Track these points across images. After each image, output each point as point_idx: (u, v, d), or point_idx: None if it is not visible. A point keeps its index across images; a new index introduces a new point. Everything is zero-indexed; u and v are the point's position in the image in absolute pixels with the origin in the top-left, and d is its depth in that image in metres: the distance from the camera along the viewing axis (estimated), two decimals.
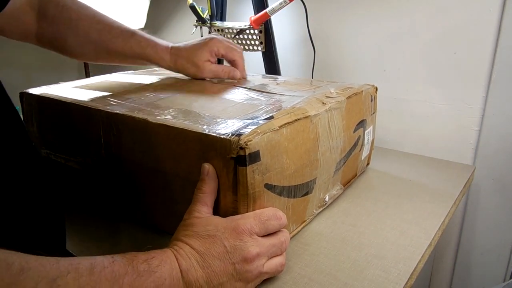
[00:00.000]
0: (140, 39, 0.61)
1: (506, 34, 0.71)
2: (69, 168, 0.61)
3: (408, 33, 0.83)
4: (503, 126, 0.76)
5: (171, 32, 1.35)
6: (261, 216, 0.40)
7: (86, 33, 0.60)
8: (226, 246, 0.37)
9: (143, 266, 0.33)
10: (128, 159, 0.51)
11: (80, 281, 0.29)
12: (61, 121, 0.59)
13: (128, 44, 0.61)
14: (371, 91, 0.64)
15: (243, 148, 0.38)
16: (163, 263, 0.35)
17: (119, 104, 0.53)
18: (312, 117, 0.48)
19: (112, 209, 0.58)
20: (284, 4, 0.81)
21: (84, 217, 0.58)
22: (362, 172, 0.70)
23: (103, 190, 0.58)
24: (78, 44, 0.61)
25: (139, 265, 0.33)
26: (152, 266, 0.34)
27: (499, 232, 0.82)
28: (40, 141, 0.64)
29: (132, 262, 0.33)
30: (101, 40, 0.60)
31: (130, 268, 0.32)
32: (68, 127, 0.58)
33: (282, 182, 0.44)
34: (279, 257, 0.41)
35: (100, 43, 0.60)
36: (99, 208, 0.60)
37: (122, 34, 0.61)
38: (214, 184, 0.41)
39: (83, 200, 0.62)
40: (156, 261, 0.34)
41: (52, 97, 0.58)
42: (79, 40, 0.60)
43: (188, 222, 0.40)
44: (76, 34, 0.59)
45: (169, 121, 0.45)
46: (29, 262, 0.28)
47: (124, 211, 0.57)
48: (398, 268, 0.45)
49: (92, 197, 0.61)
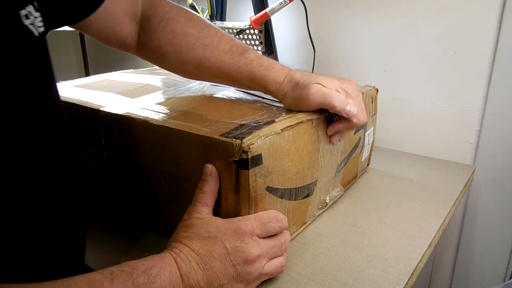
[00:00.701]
0: (252, 57, 0.51)
1: (506, 34, 0.71)
2: None
3: (408, 33, 0.83)
4: (503, 126, 0.76)
5: None
6: (262, 218, 0.40)
7: (190, 50, 0.52)
8: (227, 248, 0.37)
9: (143, 278, 0.33)
10: (129, 160, 0.51)
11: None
12: None
13: (236, 62, 0.51)
14: (372, 92, 0.64)
15: (245, 152, 0.38)
16: (162, 270, 0.34)
17: (119, 104, 0.53)
18: (314, 120, 0.48)
19: (115, 211, 0.58)
20: (284, 4, 0.81)
21: None
22: (363, 173, 0.70)
23: (104, 191, 0.58)
24: (179, 61, 0.54)
25: (139, 277, 0.32)
26: (151, 277, 0.33)
27: (499, 232, 0.82)
28: None
29: (132, 276, 0.32)
30: (205, 57, 0.52)
31: (130, 283, 0.32)
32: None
33: (284, 184, 0.44)
34: (280, 258, 0.41)
35: (204, 61, 0.52)
36: (101, 209, 0.60)
37: (232, 50, 0.52)
38: (216, 185, 0.41)
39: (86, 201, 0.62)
40: (155, 270, 0.34)
41: None
42: (181, 57, 0.53)
43: (188, 223, 0.39)
44: (178, 50, 0.53)
45: (171, 122, 0.45)
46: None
47: (126, 212, 0.57)
48: (398, 268, 0.45)
49: (94, 198, 0.61)
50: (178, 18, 0.53)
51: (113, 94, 0.58)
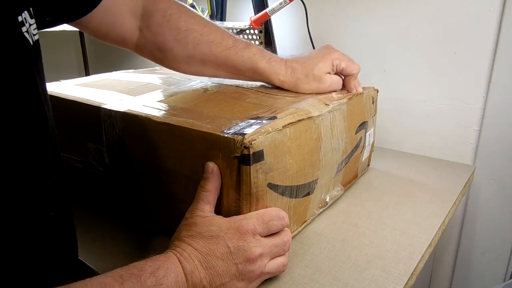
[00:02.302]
0: (255, 51, 0.56)
1: (506, 34, 0.71)
2: (71, 167, 0.61)
3: (408, 33, 0.83)
4: (503, 126, 0.76)
5: None
6: (264, 217, 0.40)
7: (196, 45, 0.55)
8: (230, 247, 0.37)
9: (151, 280, 0.33)
10: (130, 157, 0.51)
11: None
12: (63, 118, 0.59)
13: (240, 56, 0.56)
14: (372, 93, 0.64)
15: (247, 147, 0.38)
16: (169, 271, 0.34)
17: (120, 102, 0.53)
18: (315, 118, 0.48)
19: (116, 209, 0.58)
20: (284, 4, 0.81)
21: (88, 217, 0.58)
22: (363, 173, 0.70)
23: (106, 189, 0.58)
24: (184, 56, 0.56)
25: (147, 280, 0.33)
26: (159, 278, 0.33)
27: (499, 232, 0.82)
28: None
29: (140, 279, 0.33)
30: (211, 52, 0.55)
31: (139, 286, 0.32)
32: (68, 124, 0.58)
33: (285, 182, 0.44)
34: (282, 257, 0.41)
35: (209, 56, 0.56)
36: (104, 208, 0.60)
37: (235, 45, 0.56)
38: (218, 182, 0.41)
39: (87, 199, 0.62)
40: (162, 271, 0.34)
41: (53, 95, 0.58)
42: (187, 52, 0.55)
43: (190, 221, 0.40)
44: (185, 46, 0.55)
45: (172, 119, 0.45)
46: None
47: (127, 210, 0.57)
48: (398, 268, 0.45)
49: (96, 196, 0.62)
50: (180, 14, 0.55)
51: (115, 92, 0.58)
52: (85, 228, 0.55)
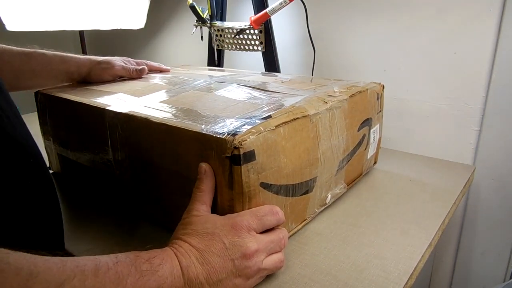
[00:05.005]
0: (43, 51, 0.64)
1: (506, 34, 0.71)
2: (80, 165, 0.62)
3: (408, 33, 0.83)
4: (503, 126, 0.76)
5: (171, 32, 1.35)
6: (257, 213, 0.40)
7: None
8: (225, 243, 0.37)
9: (146, 265, 0.34)
10: (133, 157, 0.52)
11: (86, 284, 0.30)
12: (71, 119, 0.60)
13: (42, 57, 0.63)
14: (377, 89, 0.64)
15: (237, 148, 0.38)
16: (164, 261, 0.35)
17: (125, 103, 0.54)
18: (312, 116, 0.48)
19: (121, 207, 0.59)
20: (284, 4, 0.81)
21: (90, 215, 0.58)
22: (369, 170, 0.69)
23: (111, 187, 0.59)
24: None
25: (142, 264, 0.33)
26: (154, 265, 0.34)
27: (499, 232, 0.82)
28: (54, 138, 0.66)
29: (135, 262, 0.33)
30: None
31: (133, 269, 0.33)
32: (77, 125, 0.59)
33: (279, 181, 0.44)
34: (278, 253, 0.41)
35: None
36: (108, 205, 0.60)
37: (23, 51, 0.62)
38: (212, 182, 0.42)
39: (94, 197, 0.63)
40: (158, 260, 0.35)
41: (62, 97, 0.60)
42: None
43: (187, 220, 0.40)
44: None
45: (170, 120, 0.45)
46: (37, 265, 0.28)
47: (131, 208, 0.57)
48: (398, 268, 0.45)
49: (101, 194, 0.63)
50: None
51: (121, 93, 0.60)
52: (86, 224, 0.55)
